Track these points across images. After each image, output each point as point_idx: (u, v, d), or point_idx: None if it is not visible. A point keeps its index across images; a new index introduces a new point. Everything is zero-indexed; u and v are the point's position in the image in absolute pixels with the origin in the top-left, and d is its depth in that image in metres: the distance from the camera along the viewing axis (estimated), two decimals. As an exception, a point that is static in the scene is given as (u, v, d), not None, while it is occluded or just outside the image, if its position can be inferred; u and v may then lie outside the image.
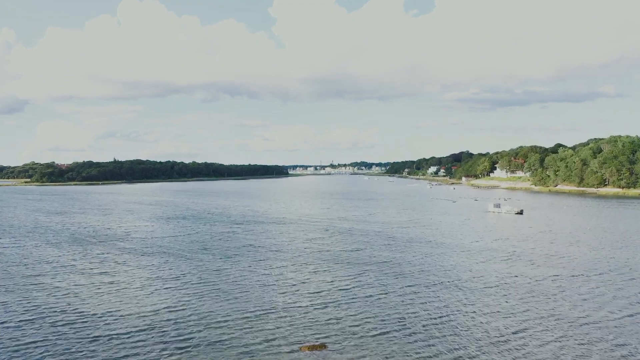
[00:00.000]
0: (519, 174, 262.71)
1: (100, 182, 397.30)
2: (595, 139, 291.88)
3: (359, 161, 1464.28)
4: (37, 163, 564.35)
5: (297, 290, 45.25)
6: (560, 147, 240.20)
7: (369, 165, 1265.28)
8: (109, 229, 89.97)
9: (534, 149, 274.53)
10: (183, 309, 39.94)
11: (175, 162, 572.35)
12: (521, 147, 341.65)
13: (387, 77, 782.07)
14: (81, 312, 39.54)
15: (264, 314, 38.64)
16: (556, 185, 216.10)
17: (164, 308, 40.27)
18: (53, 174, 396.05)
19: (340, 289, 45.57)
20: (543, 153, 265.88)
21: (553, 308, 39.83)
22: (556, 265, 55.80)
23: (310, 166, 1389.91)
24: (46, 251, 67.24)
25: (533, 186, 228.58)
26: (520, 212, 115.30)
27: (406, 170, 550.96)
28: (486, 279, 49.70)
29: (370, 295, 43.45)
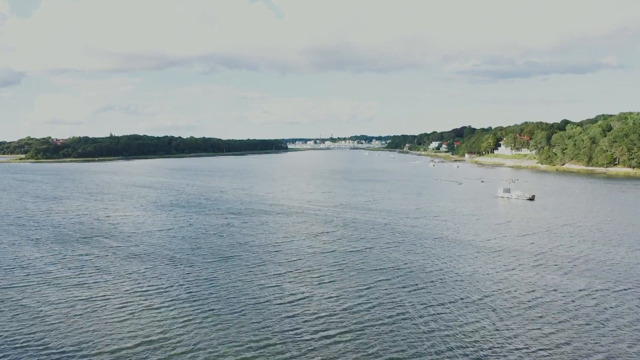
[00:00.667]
0: (525, 151, 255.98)
1: (96, 159, 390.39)
2: (603, 115, 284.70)
3: (358, 135, 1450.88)
4: (33, 138, 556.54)
5: (297, 314, 39.30)
6: (568, 124, 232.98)
7: (368, 139, 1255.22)
8: (96, 221, 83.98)
9: (540, 125, 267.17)
10: (164, 339, 34.13)
11: (173, 137, 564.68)
12: (526, 123, 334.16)
13: (387, 47, 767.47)
14: (46, 345, 33.73)
15: (258, 346, 32.87)
16: (563, 164, 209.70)
17: (143, 340, 34.40)
18: (48, 150, 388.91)
19: (348, 311, 39.55)
20: (549, 130, 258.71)
21: (614, 343, 34.04)
22: (590, 273, 49.88)
23: (309, 139, 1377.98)
24: (22, 251, 61.33)
25: (539, 164, 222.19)
26: (532, 198, 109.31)
27: (407, 145, 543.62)
28: (517, 294, 43.55)
29: (383, 322, 37.44)
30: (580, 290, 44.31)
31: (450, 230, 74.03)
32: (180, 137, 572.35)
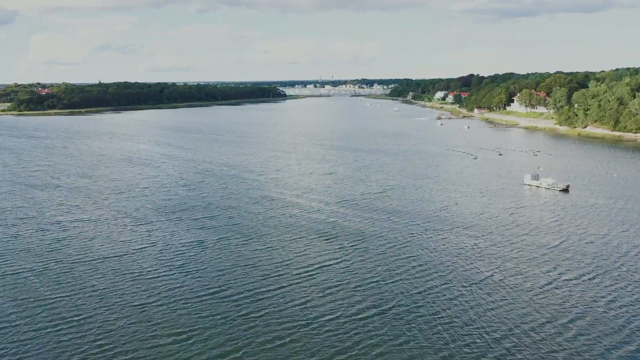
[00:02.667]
0: (540, 109, 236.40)
1: (83, 110, 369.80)
2: (628, 68, 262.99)
3: (359, 78, 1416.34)
4: (21, 85, 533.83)
5: None
6: (591, 81, 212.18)
7: (370, 83, 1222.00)
8: (38, 221, 67.90)
9: (557, 80, 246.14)
10: None
11: (166, 84, 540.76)
12: (541, 75, 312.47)
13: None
14: None
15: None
16: (585, 127, 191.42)
17: None
18: (32, 101, 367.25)
19: None
20: (568, 84, 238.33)
21: None
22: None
23: (310, 83, 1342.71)
24: None
25: (558, 126, 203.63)
26: (566, 189, 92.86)
27: (411, 93, 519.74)
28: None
29: None
30: None
31: (479, 244, 57.81)
32: (173, 84, 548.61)
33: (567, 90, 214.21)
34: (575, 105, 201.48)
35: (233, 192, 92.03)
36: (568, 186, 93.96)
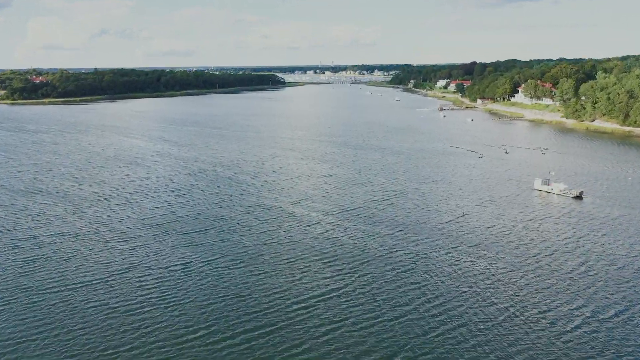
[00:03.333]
0: (546, 100, 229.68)
1: (77, 99, 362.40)
2: (637, 57, 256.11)
3: (359, 64, 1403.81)
4: (15, 72, 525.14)
5: None
6: (599, 72, 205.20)
7: (370, 69, 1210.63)
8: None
9: (563, 70, 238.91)
10: None
11: (163, 71, 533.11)
12: (545, 64, 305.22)
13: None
14: None
15: None
16: (593, 120, 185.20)
17: None
18: (25, 90, 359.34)
19: None
20: (574, 75, 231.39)
21: None
22: None
23: (309, 68, 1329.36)
24: None
25: (564, 119, 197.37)
26: (579, 196, 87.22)
27: (412, 81, 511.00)
28: None
29: None
30: None
31: (493, 264, 52.35)
32: (171, 72, 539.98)
33: (575, 82, 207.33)
34: (583, 98, 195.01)
35: (225, 198, 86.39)
36: (582, 193, 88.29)
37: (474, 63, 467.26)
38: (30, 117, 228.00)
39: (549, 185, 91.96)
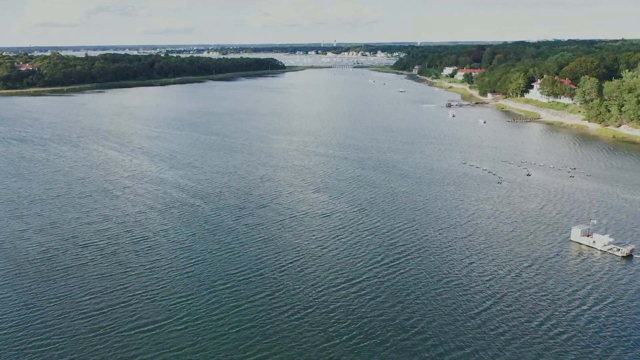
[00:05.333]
0: (565, 99, 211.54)
1: (65, 88, 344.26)
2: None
3: (362, 43, 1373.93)
4: (6, 56, 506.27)
5: None
6: (626, 70, 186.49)
7: (373, 49, 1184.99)
8: None
9: (583, 64, 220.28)
10: None
11: (158, 57, 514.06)
12: (561, 54, 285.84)
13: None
14: None
15: None
16: (619, 126, 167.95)
17: None
18: (10, 79, 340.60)
19: None
20: (595, 70, 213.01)
21: None
22: None
23: (311, 48, 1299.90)
24: None
25: (586, 123, 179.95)
26: (630, 255, 71.23)
27: (416, 67, 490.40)
28: None
29: None
30: None
31: None
32: (166, 57, 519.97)
33: (598, 81, 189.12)
34: (607, 98, 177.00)
35: (197, 259, 70.38)
36: (632, 250, 72.12)
37: (482, 48, 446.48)
38: (5, 115, 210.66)
39: (590, 237, 75.87)
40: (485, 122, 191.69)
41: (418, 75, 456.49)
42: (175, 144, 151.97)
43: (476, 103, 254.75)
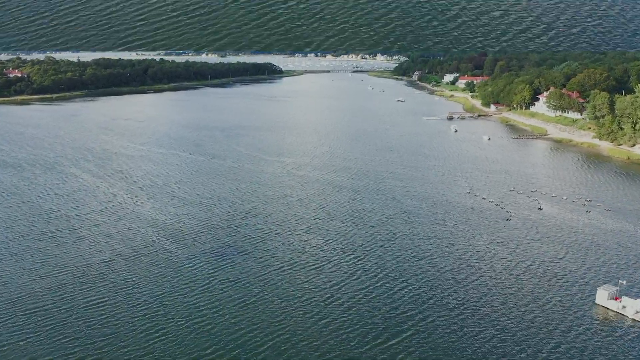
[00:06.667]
0: (573, 114, 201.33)
1: (54, 96, 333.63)
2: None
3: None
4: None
5: None
6: (639, 85, 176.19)
7: (373, 52, 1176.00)
8: None
9: (591, 75, 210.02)
10: None
11: (152, 62, 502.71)
12: (567, 64, 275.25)
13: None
14: None
15: None
16: (633, 145, 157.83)
17: None
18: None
19: None
20: (604, 82, 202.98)
21: None
22: None
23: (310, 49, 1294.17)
24: None
25: (597, 141, 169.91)
26: (670, 327, 60.95)
27: (416, 73, 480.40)
28: None
29: None
30: None
31: None
32: (161, 62, 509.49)
33: (608, 95, 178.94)
34: (620, 115, 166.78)
35: (159, 332, 59.96)
36: (670, 324, 61.92)
37: (484, 55, 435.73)
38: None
39: (618, 300, 65.55)
40: (489, 139, 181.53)
41: (418, 82, 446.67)
42: (160, 166, 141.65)
43: (479, 115, 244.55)
